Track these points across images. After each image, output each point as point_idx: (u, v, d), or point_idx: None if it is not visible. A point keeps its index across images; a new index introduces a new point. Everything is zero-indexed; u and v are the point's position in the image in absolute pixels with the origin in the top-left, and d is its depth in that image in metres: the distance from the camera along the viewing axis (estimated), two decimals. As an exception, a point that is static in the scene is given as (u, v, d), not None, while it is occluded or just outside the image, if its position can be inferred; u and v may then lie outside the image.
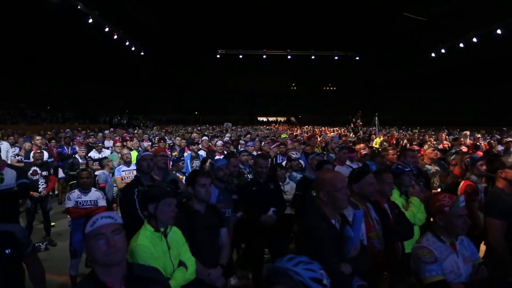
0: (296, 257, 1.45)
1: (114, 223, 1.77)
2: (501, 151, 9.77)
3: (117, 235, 1.75)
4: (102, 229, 1.73)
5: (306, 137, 11.52)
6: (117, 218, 1.81)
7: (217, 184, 4.07)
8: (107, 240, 1.71)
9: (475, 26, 26.95)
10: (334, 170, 3.50)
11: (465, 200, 4.09)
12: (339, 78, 53.64)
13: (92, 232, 1.73)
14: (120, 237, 1.76)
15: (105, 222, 1.74)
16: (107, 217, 1.76)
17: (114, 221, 1.77)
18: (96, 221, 1.74)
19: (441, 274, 2.33)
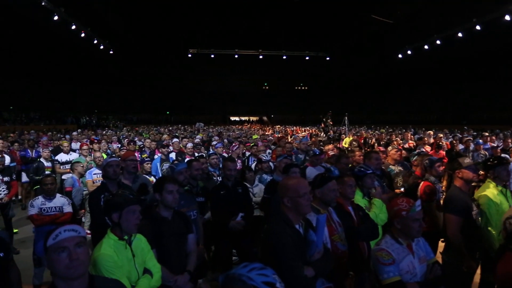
0: (251, 264, 1.50)
1: (77, 236, 1.76)
2: (461, 149, 10.22)
3: (79, 248, 1.74)
4: (64, 242, 1.71)
5: (277, 138, 11.64)
6: (81, 231, 1.80)
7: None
8: (69, 253, 1.70)
9: (438, 29, 28.03)
10: (297, 177, 3.58)
11: (424, 200, 4.32)
12: (310, 78, 54.34)
13: (54, 245, 1.71)
14: (83, 250, 1.76)
15: (68, 235, 1.73)
16: (71, 230, 1.75)
17: (78, 234, 1.76)
18: (59, 234, 1.72)
19: (398, 275, 2.44)
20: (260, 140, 10.76)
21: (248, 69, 49.64)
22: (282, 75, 52.39)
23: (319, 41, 40.50)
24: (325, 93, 50.88)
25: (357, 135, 16.98)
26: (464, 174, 3.82)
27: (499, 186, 3.79)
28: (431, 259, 2.69)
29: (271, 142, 11.75)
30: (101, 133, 18.18)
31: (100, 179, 5.86)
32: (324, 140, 18.69)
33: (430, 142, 11.69)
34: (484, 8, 24.07)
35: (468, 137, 11.78)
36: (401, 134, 15.19)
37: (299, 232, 2.53)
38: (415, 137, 13.87)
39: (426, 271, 2.60)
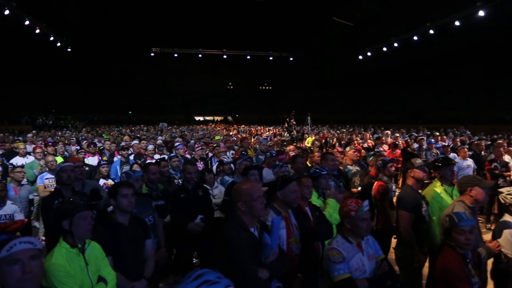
0: (204, 275, 1.48)
1: (33, 249, 1.71)
2: (416, 148, 10.72)
3: (34, 261, 1.69)
4: (19, 254, 1.66)
5: (240, 139, 11.69)
6: (37, 243, 1.75)
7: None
8: (22, 265, 1.65)
9: (395, 32, 29.23)
10: (251, 181, 3.64)
11: (377, 199, 4.52)
12: (274, 78, 54.79)
13: (7, 257, 1.65)
14: (37, 263, 1.71)
15: (23, 247, 1.68)
16: (27, 242, 1.70)
17: (34, 246, 1.72)
18: (13, 246, 1.67)
19: (348, 272, 2.56)
20: (222, 141, 10.75)
21: (212, 68, 49.38)
22: (246, 75, 52.52)
23: (283, 41, 40.97)
24: (289, 93, 51.46)
25: (319, 135, 17.35)
26: (416, 173, 4.04)
27: (444, 185, 4.04)
28: (380, 256, 2.82)
29: (234, 142, 11.77)
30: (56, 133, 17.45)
31: (52, 184, 5.65)
32: (287, 139, 19.01)
33: (388, 141, 12.16)
34: (437, 14, 25.35)
35: (422, 136, 12.36)
36: (361, 134, 15.68)
37: (254, 235, 2.59)
38: (374, 137, 14.38)
39: (375, 268, 2.73)
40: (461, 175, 7.59)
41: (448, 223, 2.67)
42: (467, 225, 2.64)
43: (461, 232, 2.62)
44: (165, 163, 5.87)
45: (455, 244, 2.62)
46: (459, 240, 2.61)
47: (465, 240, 2.61)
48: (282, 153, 6.88)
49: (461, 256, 2.57)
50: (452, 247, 2.61)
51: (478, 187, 3.36)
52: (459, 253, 2.57)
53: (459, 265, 2.51)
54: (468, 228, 2.63)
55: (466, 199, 3.41)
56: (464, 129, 18.23)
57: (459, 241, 2.61)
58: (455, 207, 3.35)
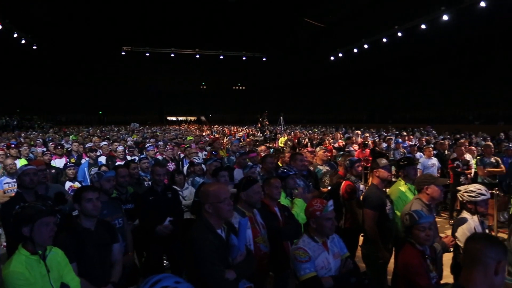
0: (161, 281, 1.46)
1: None
2: (384, 148, 11.00)
3: None
4: None
5: (211, 140, 11.65)
6: None
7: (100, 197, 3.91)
8: None
9: (365, 34, 29.94)
10: (218, 183, 3.64)
11: (345, 198, 4.62)
12: (247, 78, 54.90)
13: None
14: None
15: None
16: None
17: None
18: None
19: (313, 270, 2.61)
20: (195, 142, 10.67)
21: (185, 68, 48.90)
22: (219, 75, 52.33)
23: (256, 42, 41.10)
24: (262, 93, 51.70)
25: (291, 135, 17.52)
26: (381, 173, 4.16)
27: (408, 184, 4.19)
28: (345, 254, 2.90)
29: (207, 143, 11.72)
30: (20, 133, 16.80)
31: (13, 189, 5.43)
32: (261, 140, 19.09)
33: (358, 141, 12.43)
34: (405, 17, 26.15)
35: (390, 136, 12.71)
36: (332, 134, 15.95)
37: (221, 237, 2.60)
38: (345, 137, 14.66)
39: (340, 266, 2.80)
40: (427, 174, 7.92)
41: (408, 221, 2.77)
42: (426, 222, 2.76)
43: (422, 229, 2.73)
44: (135, 165, 5.78)
45: (415, 241, 2.72)
46: (420, 236, 2.72)
47: (425, 236, 2.73)
48: (252, 151, 6.91)
49: (420, 252, 2.68)
50: (412, 244, 2.71)
51: (434, 185, 3.53)
52: (419, 250, 2.68)
53: (418, 261, 2.62)
54: (427, 225, 2.76)
55: (423, 197, 3.56)
56: (429, 128, 18.87)
57: (419, 238, 2.72)
58: (413, 205, 3.49)
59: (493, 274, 1.73)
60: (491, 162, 7.28)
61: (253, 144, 13.06)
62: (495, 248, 1.76)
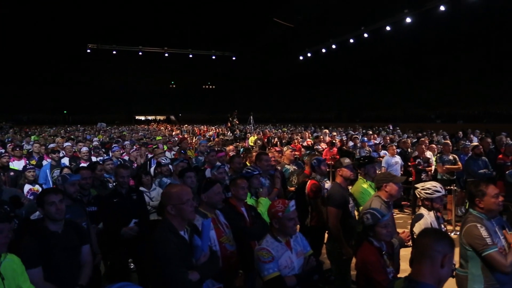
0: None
1: None
2: (351, 146, 11.28)
3: None
4: None
5: (179, 140, 11.53)
6: None
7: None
8: None
9: (333, 35, 30.54)
10: (180, 184, 3.62)
11: (311, 197, 4.71)
12: (217, 77, 54.65)
13: None
14: None
15: None
16: None
17: None
18: None
19: (277, 270, 2.64)
20: (163, 142, 10.53)
21: (154, 67, 48.09)
22: (189, 74, 51.82)
23: (225, 41, 41.01)
24: (232, 92, 51.66)
25: (261, 134, 17.61)
26: (343, 172, 4.27)
27: (368, 181, 4.32)
28: (308, 252, 2.95)
29: (175, 143, 11.58)
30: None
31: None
32: (231, 139, 19.08)
33: (326, 140, 12.66)
34: (371, 18, 26.87)
35: (356, 134, 13.03)
36: (301, 133, 16.16)
37: (184, 238, 2.59)
38: (313, 135, 14.89)
39: (303, 264, 2.86)
40: (390, 171, 8.16)
41: (371, 219, 2.84)
42: (387, 219, 2.87)
43: (384, 226, 2.82)
44: (101, 166, 5.64)
45: (377, 238, 2.81)
46: (382, 233, 2.81)
47: (387, 232, 2.83)
48: (220, 151, 6.89)
49: (378, 249, 2.78)
50: (370, 241, 2.80)
51: (392, 183, 3.67)
52: (376, 247, 2.78)
53: (376, 258, 2.71)
54: (388, 222, 2.86)
55: (382, 194, 3.69)
56: (394, 127, 19.47)
57: (381, 235, 2.81)
58: (372, 202, 3.62)
59: (439, 267, 1.82)
60: (449, 159, 7.61)
61: (222, 144, 13.03)
62: (442, 242, 1.86)
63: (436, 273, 1.84)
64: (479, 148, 7.49)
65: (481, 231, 2.79)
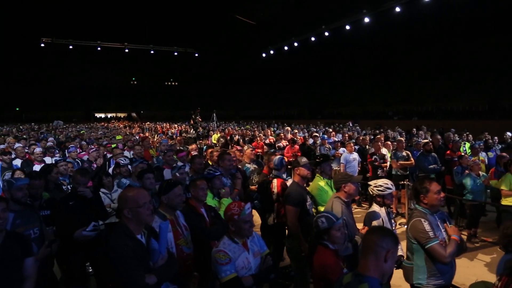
0: None
1: None
2: (311, 143, 11.51)
3: None
4: None
5: (140, 138, 11.31)
6: None
7: (12, 206, 3.64)
8: None
9: (295, 33, 30.99)
10: (136, 188, 3.59)
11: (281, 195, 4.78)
12: (180, 74, 53.85)
13: None
14: None
15: None
16: None
17: None
18: None
19: (234, 272, 2.69)
20: (124, 141, 10.28)
21: (113, 62, 46.63)
22: (151, 70, 50.72)
23: (188, 37, 40.49)
24: (195, 89, 51.08)
25: (224, 132, 17.59)
26: (301, 171, 4.38)
27: (325, 179, 4.47)
28: (264, 251, 3.02)
29: (136, 142, 11.34)
30: None
31: None
32: (193, 136, 18.92)
33: (288, 137, 12.84)
34: (331, 17, 27.51)
35: (317, 132, 13.32)
36: (264, 130, 16.29)
37: (140, 242, 2.58)
38: (276, 133, 15.07)
39: (260, 263, 2.93)
40: (349, 167, 8.47)
41: (326, 223, 2.93)
42: (341, 222, 2.99)
43: (338, 228, 2.93)
44: (57, 169, 5.44)
45: (331, 241, 2.91)
46: (337, 236, 2.91)
47: (341, 235, 2.94)
48: (181, 151, 6.86)
49: (334, 251, 2.89)
50: (325, 245, 2.90)
51: (350, 183, 3.81)
52: (332, 249, 2.89)
53: (334, 261, 2.82)
54: (342, 224, 2.98)
55: (341, 194, 3.83)
56: (354, 124, 20.09)
57: (336, 237, 2.91)
58: (333, 204, 3.75)
59: (383, 261, 1.96)
60: (403, 155, 7.99)
61: (185, 142, 12.91)
62: (386, 239, 2.00)
63: (380, 267, 1.98)
64: (429, 145, 7.91)
65: (424, 225, 2.98)
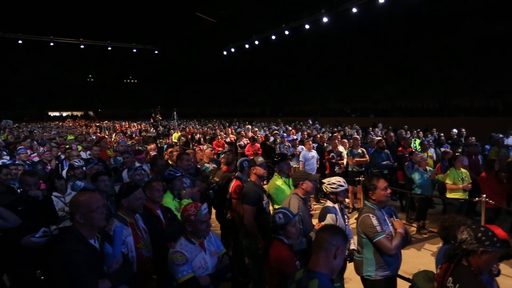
0: None
1: None
2: (272, 141, 11.66)
3: None
4: None
5: (97, 138, 10.97)
6: None
7: None
8: None
9: (256, 31, 31.17)
10: (89, 192, 3.53)
11: (232, 197, 4.82)
12: (139, 71, 52.54)
13: None
14: None
15: None
16: None
17: None
18: None
19: (191, 272, 2.72)
20: (75, 142, 9.92)
21: (68, 58, 44.69)
22: (108, 67, 49.09)
23: (147, 33, 39.60)
24: (155, 87, 50.08)
25: (185, 130, 17.42)
26: (257, 170, 4.48)
27: (282, 177, 4.59)
28: (221, 251, 3.08)
29: (92, 142, 10.99)
30: None
31: None
32: (154, 135, 18.59)
33: (249, 135, 12.94)
34: (291, 16, 27.92)
35: (277, 130, 13.51)
36: (225, 128, 16.29)
37: (93, 247, 2.55)
38: (237, 131, 15.10)
39: (217, 263, 2.97)
40: (307, 165, 8.68)
41: (283, 219, 3.02)
42: (297, 218, 3.10)
43: (293, 224, 3.04)
44: (8, 170, 5.17)
45: (286, 236, 3.01)
46: (292, 232, 3.02)
47: (296, 231, 3.06)
48: (140, 153, 6.74)
49: (289, 246, 2.99)
50: (280, 240, 3.00)
51: (308, 181, 3.94)
52: (287, 244, 2.99)
53: (289, 255, 2.92)
54: (297, 220, 3.09)
55: (299, 191, 3.95)
56: (314, 122, 20.53)
57: (291, 233, 3.02)
58: (291, 200, 3.87)
59: (333, 258, 2.07)
60: (358, 152, 8.30)
61: (144, 142, 12.67)
62: (336, 237, 2.12)
63: (330, 264, 2.10)
64: (382, 142, 8.28)
65: (372, 220, 3.16)
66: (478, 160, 7.67)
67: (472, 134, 10.08)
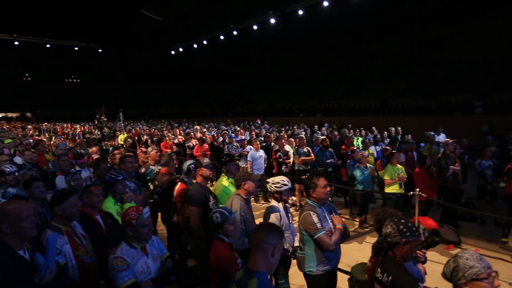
0: None
1: None
2: (221, 142, 11.64)
3: None
4: None
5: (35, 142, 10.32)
6: None
7: None
8: None
9: (204, 31, 30.91)
10: (18, 200, 3.33)
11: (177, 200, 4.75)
12: (82, 70, 50.03)
13: None
14: None
15: None
16: None
17: None
18: None
19: (132, 277, 2.65)
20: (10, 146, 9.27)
21: (1, 55, 41.50)
22: (47, 65, 46.22)
23: (90, 31, 37.81)
24: (99, 87, 47.96)
25: (131, 132, 16.88)
26: (203, 171, 4.46)
27: (230, 178, 4.61)
28: (165, 254, 3.03)
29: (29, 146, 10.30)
30: None
31: None
32: (99, 137, 17.83)
33: (197, 136, 12.81)
34: (239, 17, 28.03)
35: (226, 130, 13.51)
36: (173, 129, 16.00)
37: (23, 258, 2.41)
38: (185, 132, 14.90)
39: (160, 267, 2.92)
40: (255, 165, 8.78)
41: (220, 218, 3.07)
42: (234, 217, 3.13)
43: (231, 222, 3.08)
44: None
45: (225, 234, 3.05)
46: (230, 230, 3.08)
47: (234, 228, 3.10)
48: (81, 157, 6.43)
49: (228, 244, 3.02)
50: (220, 239, 3.03)
51: (250, 181, 3.99)
52: (227, 242, 3.02)
53: (229, 253, 2.96)
54: (235, 219, 3.13)
55: (241, 192, 3.99)
56: (262, 121, 20.75)
57: (229, 231, 3.08)
58: (233, 201, 3.90)
59: (271, 256, 2.12)
60: (304, 151, 8.52)
61: (87, 144, 12.12)
62: (273, 235, 2.16)
63: (268, 262, 2.14)
64: (326, 141, 8.58)
65: (313, 218, 3.27)
66: (413, 157, 8.19)
67: (409, 132, 10.75)
